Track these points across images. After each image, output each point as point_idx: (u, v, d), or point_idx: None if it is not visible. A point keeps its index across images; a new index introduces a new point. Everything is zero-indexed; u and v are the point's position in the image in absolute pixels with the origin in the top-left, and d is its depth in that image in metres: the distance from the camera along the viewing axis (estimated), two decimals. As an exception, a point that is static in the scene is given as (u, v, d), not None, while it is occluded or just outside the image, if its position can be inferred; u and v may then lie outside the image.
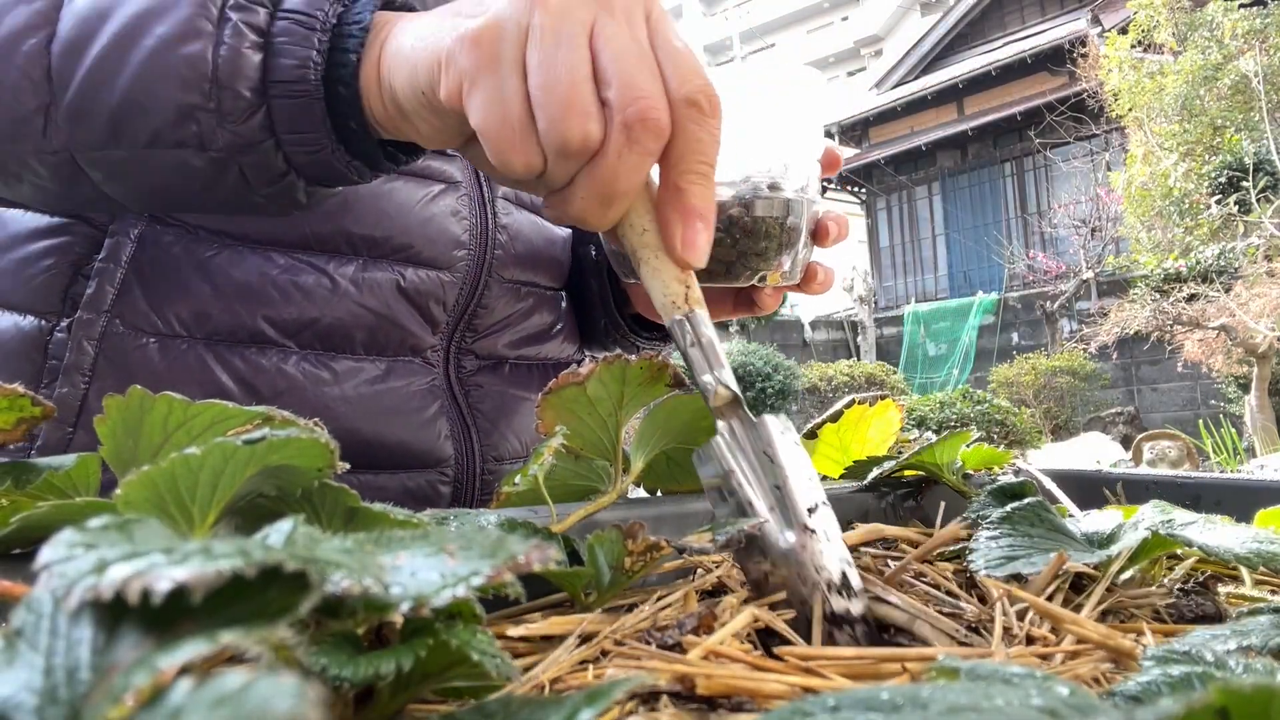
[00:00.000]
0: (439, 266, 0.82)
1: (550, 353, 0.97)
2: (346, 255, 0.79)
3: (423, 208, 0.81)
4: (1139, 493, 0.65)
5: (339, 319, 0.76)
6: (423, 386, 0.81)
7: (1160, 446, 5.55)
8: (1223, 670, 0.28)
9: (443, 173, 0.83)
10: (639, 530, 0.41)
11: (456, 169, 0.84)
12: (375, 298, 0.79)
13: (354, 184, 0.62)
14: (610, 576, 0.42)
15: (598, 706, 0.22)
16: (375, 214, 0.78)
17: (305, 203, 0.62)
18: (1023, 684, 0.23)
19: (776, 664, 0.32)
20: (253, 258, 0.75)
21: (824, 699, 0.22)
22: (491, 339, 0.88)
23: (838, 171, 0.69)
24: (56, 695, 0.19)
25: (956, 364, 11.99)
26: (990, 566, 0.43)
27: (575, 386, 0.52)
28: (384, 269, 0.79)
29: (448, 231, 0.82)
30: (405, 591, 0.24)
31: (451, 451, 0.83)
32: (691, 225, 0.47)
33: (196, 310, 0.73)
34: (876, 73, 18.61)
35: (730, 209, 0.61)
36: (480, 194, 0.86)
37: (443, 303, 0.83)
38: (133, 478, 0.29)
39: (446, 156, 0.84)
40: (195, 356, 0.72)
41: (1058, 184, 12.79)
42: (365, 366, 0.78)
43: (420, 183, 0.81)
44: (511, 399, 0.91)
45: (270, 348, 0.75)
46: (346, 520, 0.36)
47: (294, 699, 0.16)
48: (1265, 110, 8.19)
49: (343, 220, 0.77)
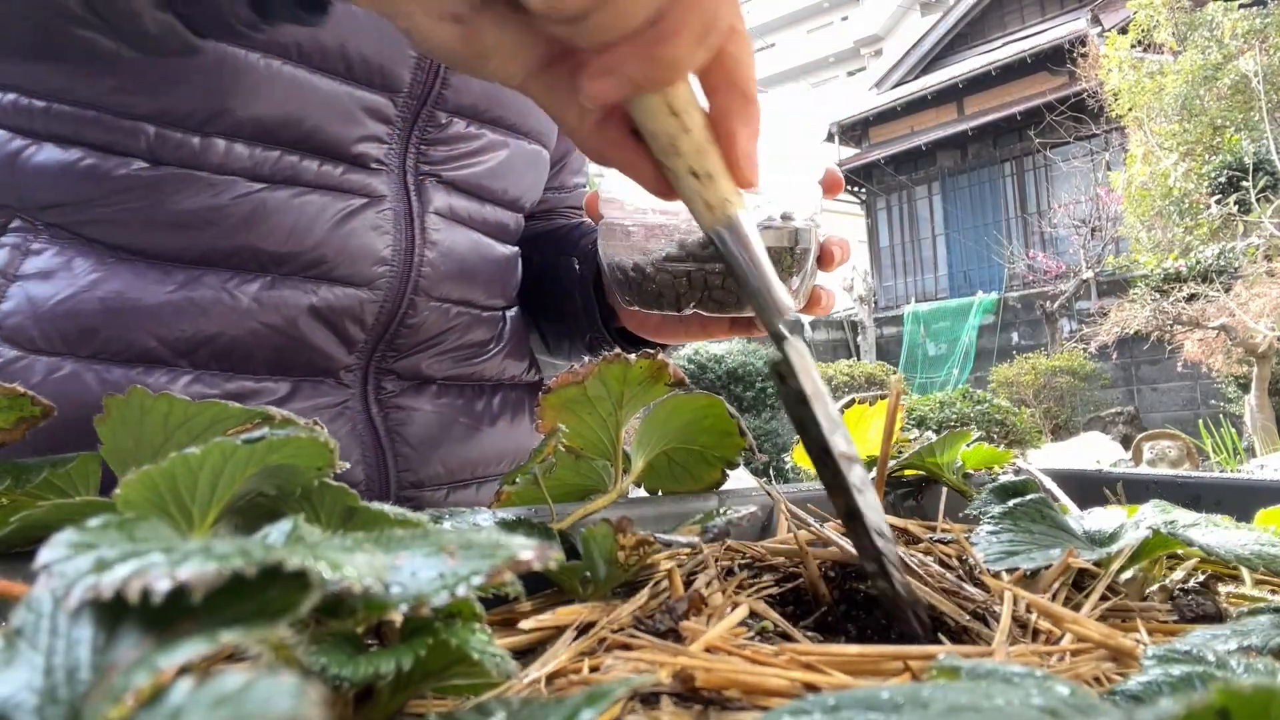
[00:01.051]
0: (356, 284, 0.77)
1: (488, 372, 0.92)
2: (252, 272, 0.74)
3: (339, 222, 0.76)
4: (1139, 492, 0.65)
5: (238, 337, 0.72)
6: (331, 408, 0.78)
7: (1160, 446, 5.55)
8: (1224, 670, 0.28)
9: (365, 186, 0.78)
10: (627, 525, 0.41)
11: (382, 182, 0.79)
12: (281, 316, 0.74)
13: (231, 33, 0.53)
14: (605, 570, 0.42)
15: (598, 707, 0.22)
16: (284, 229, 0.74)
17: (152, 35, 0.52)
18: (1023, 683, 0.23)
19: (777, 659, 0.32)
20: (150, 273, 0.71)
21: (824, 698, 0.22)
22: (415, 359, 0.84)
23: (839, 194, 0.67)
24: (56, 695, 0.19)
25: (956, 364, 11.99)
26: (990, 560, 0.44)
27: (575, 386, 0.52)
28: (293, 286, 0.75)
29: (368, 247, 0.77)
30: (405, 591, 0.24)
31: (362, 477, 0.79)
32: (755, 141, 0.43)
33: (82, 327, 0.69)
34: (876, 73, 18.62)
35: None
36: (408, 208, 0.80)
37: (360, 321, 0.78)
38: (132, 477, 0.29)
39: (370, 170, 0.78)
40: (74, 377, 0.69)
41: (1058, 184, 12.79)
42: (267, 387, 0.74)
43: (337, 196, 0.76)
44: (440, 422, 0.86)
45: (158, 368, 0.71)
46: (346, 519, 0.36)
47: (294, 698, 0.16)
48: (1265, 110, 8.19)
49: (248, 236, 0.72)
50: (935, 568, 0.47)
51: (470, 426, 0.88)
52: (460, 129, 0.83)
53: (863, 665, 0.33)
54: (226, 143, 0.71)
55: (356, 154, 0.77)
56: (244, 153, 0.72)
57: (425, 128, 0.81)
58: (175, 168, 0.71)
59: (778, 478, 6.04)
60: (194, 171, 0.71)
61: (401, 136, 0.79)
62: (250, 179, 0.73)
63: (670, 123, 0.41)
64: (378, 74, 0.76)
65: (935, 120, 14.57)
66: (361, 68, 0.76)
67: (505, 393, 0.94)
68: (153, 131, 0.70)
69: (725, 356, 7.44)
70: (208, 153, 0.71)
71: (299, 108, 0.73)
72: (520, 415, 0.95)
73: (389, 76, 0.77)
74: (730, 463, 0.61)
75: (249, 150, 0.72)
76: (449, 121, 0.82)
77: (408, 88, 0.78)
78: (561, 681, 0.33)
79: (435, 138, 0.82)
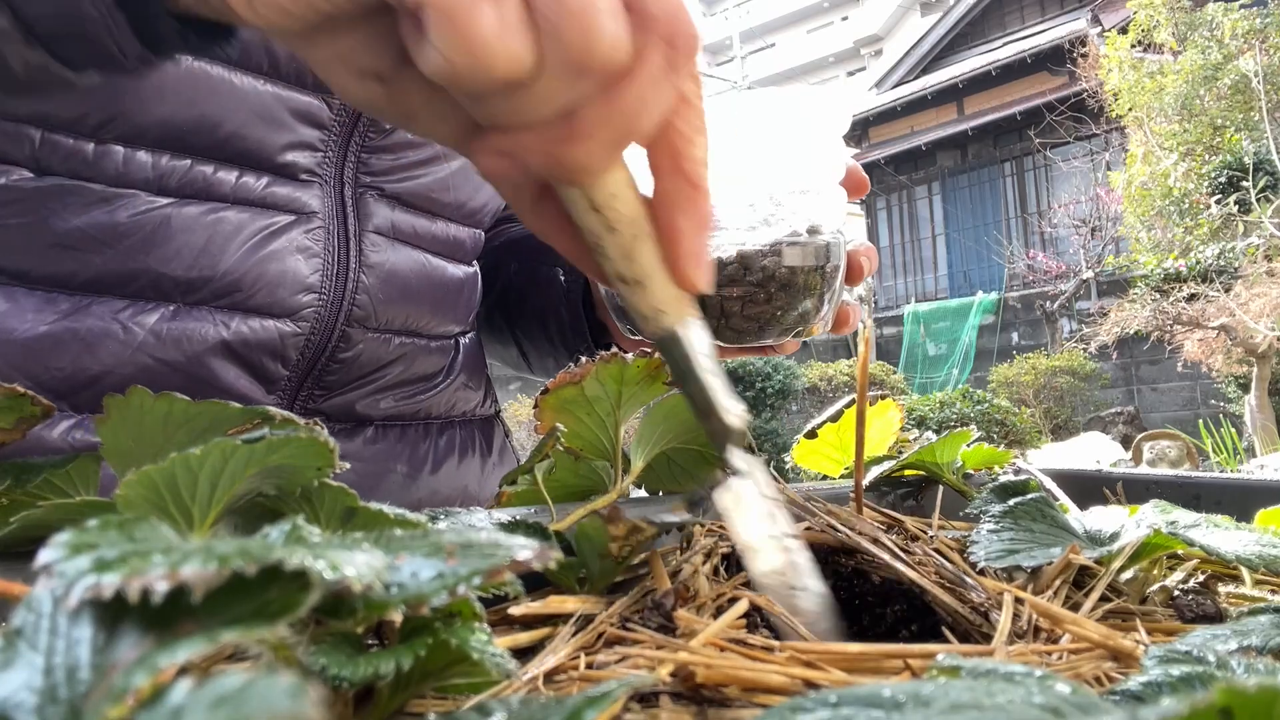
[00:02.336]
0: (277, 314, 0.67)
1: (436, 409, 0.81)
2: (151, 301, 0.64)
3: (259, 243, 0.66)
4: (1139, 492, 0.65)
5: (129, 376, 0.61)
6: None
7: (1160, 446, 5.55)
8: (1224, 670, 0.28)
9: (291, 201, 0.68)
10: (618, 514, 0.41)
11: (313, 197, 0.69)
12: (183, 352, 0.64)
13: (115, 65, 0.40)
14: (600, 565, 0.42)
15: (598, 708, 0.22)
16: (192, 251, 0.63)
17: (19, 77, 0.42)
18: (1024, 682, 0.23)
19: (777, 656, 0.32)
20: (27, 300, 0.61)
21: (825, 695, 0.22)
22: (348, 397, 0.73)
23: (864, 195, 0.59)
24: (56, 694, 0.19)
25: (956, 364, 11.99)
26: (990, 559, 0.43)
27: (572, 386, 0.52)
28: (200, 318, 0.65)
29: (291, 272, 0.67)
30: (405, 591, 0.24)
31: None
32: (703, 236, 0.37)
33: None
34: (876, 73, 18.61)
35: (765, 259, 0.52)
36: (343, 227, 0.70)
37: (281, 357, 0.68)
38: (132, 477, 0.29)
39: (300, 182, 0.68)
40: None
41: (1058, 184, 12.79)
42: None
43: (257, 213, 0.66)
44: (373, 471, 0.75)
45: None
46: (345, 520, 0.36)
47: (294, 698, 0.16)
48: (1265, 110, 8.19)
49: (148, 259, 0.62)
50: (936, 559, 0.47)
51: (408, 475, 0.79)
52: (408, 135, 0.73)
53: (863, 663, 0.33)
54: (125, 150, 0.62)
55: (282, 164, 0.67)
56: (146, 161, 0.62)
57: (366, 133, 0.71)
58: (64, 178, 0.61)
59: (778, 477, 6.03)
60: (86, 183, 0.61)
61: (338, 144, 0.70)
62: (153, 193, 0.63)
63: (591, 219, 0.35)
64: (309, 71, 0.65)
65: (935, 120, 14.56)
66: (289, 64, 0.66)
67: (454, 431, 0.84)
68: (38, 136, 0.60)
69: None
70: (103, 161, 0.61)
71: (213, 110, 0.63)
72: (469, 455, 0.85)
73: None
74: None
75: (153, 159, 0.63)
76: (394, 126, 0.72)
77: None
78: (561, 678, 0.33)
79: (378, 145, 0.72)
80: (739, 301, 0.54)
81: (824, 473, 0.73)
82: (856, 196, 0.59)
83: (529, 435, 4.74)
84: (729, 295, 0.54)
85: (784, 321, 0.54)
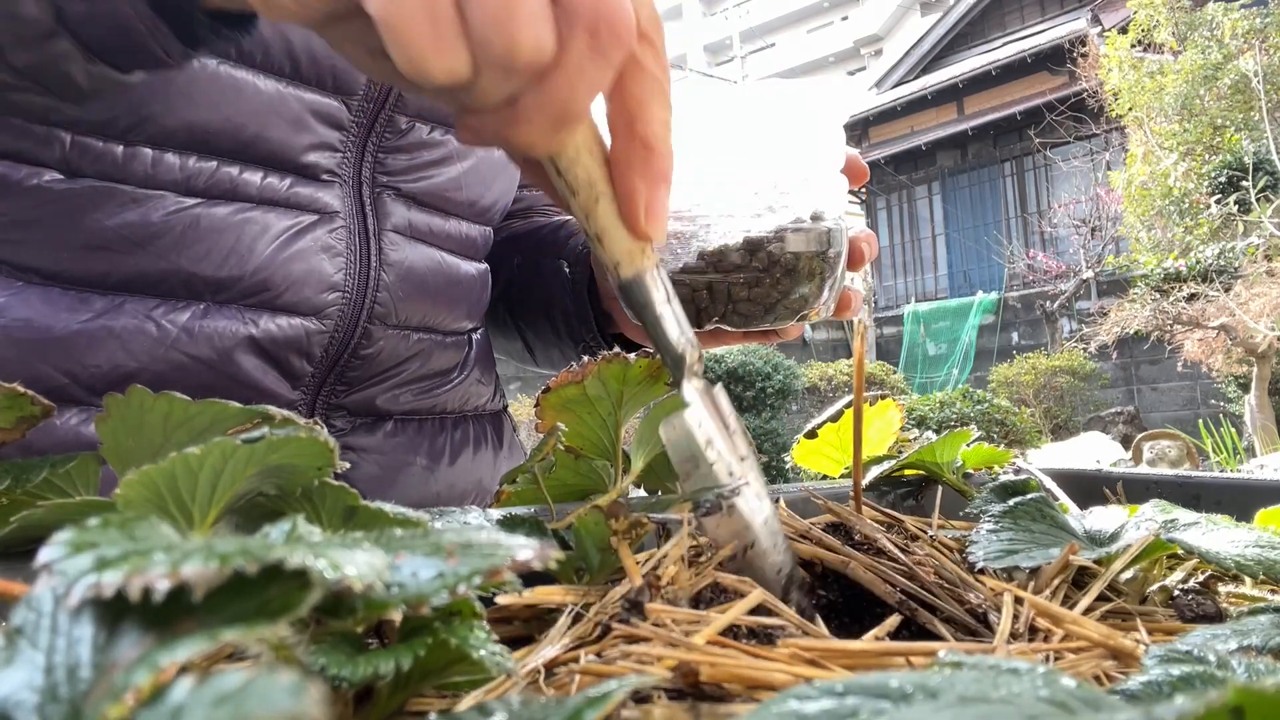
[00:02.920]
0: (303, 313, 0.69)
1: (451, 404, 0.83)
2: (182, 300, 0.65)
3: (285, 243, 0.67)
4: (1139, 492, 0.65)
5: (162, 373, 0.63)
6: None
7: (1160, 446, 5.54)
8: (1225, 670, 0.28)
9: (315, 201, 0.69)
10: (620, 510, 0.41)
11: (334, 197, 0.70)
12: (213, 349, 0.65)
13: (160, 64, 0.47)
14: (599, 558, 0.42)
15: (599, 709, 0.22)
16: (221, 251, 0.65)
17: (85, 89, 0.48)
18: (1029, 676, 0.23)
19: (780, 654, 0.32)
20: (63, 299, 0.63)
21: (831, 684, 0.22)
22: (369, 393, 0.75)
23: (864, 183, 0.61)
24: (57, 693, 0.19)
25: (956, 364, 11.99)
26: (990, 559, 0.43)
27: (574, 385, 0.52)
28: (229, 316, 0.66)
29: (317, 271, 0.69)
30: (405, 590, 0.24)
31: None
32: (658, 191, 0.39)
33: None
34: (876, 72, 18.62)
35: (769, 245, 0.54)
36: (363, 226, 0.72)
37: (307, 354, 0.70)
38: (132, 477, 0.29)
39: (321, 183, 0.70)
40: None
41: (1058, 184, 12.78)
42: None
43: (284, 213, 0.68)
44: (394, 463, 0.77)
45: (69, 408, 0.63)
46: (346, 519, 0.36)
47: (294, 697, 0.16)
48: (1265, 110, 8.19)
49: (179, 259, 0.64)
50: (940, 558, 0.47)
51: (427, 467, 0.81)
52: (422, 135, 0.75)
53: (866, 660, 0.33)
54: (154, 152, 0.63)
55: (305, 164, 0.69)
56: (174, 163, 0.64)
57: (383, 134, 0.73)
58: (94, 180, 0.63)
59: (778, 477, 6.04)
60: (117, 185, 0.63)
61: (356, 144, 0.72)
62: (182, 194, 0.65)
63: (557, 181, 0.40)
64: (329, 74, 0.68)
65: (935, 120, 14.56)
66: (310, 67, 0.68)
67: (467, 425, 0.86)
68: (68, 139, 0.62)
69: (725, 356, 7.44)
70: (132, 164, 0.63)
71: (238, 113, 0.65)
72: (482, 448, 0.87)
73: (342, 77, 0.69)
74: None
75: (180, 161, 0.64)
76: (410, 126, 0.74)
77: (363, 89, 0.71)
78: (561, 672, 0.33)
79: (394, 145, 0.74)
80: (745, 286, 0.56)
81: (824, 472, 0.73)
82: (857, 184, 0.61)
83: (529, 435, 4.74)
84: (735, 280, 0.56)
85: (788, 305, 0.56)
